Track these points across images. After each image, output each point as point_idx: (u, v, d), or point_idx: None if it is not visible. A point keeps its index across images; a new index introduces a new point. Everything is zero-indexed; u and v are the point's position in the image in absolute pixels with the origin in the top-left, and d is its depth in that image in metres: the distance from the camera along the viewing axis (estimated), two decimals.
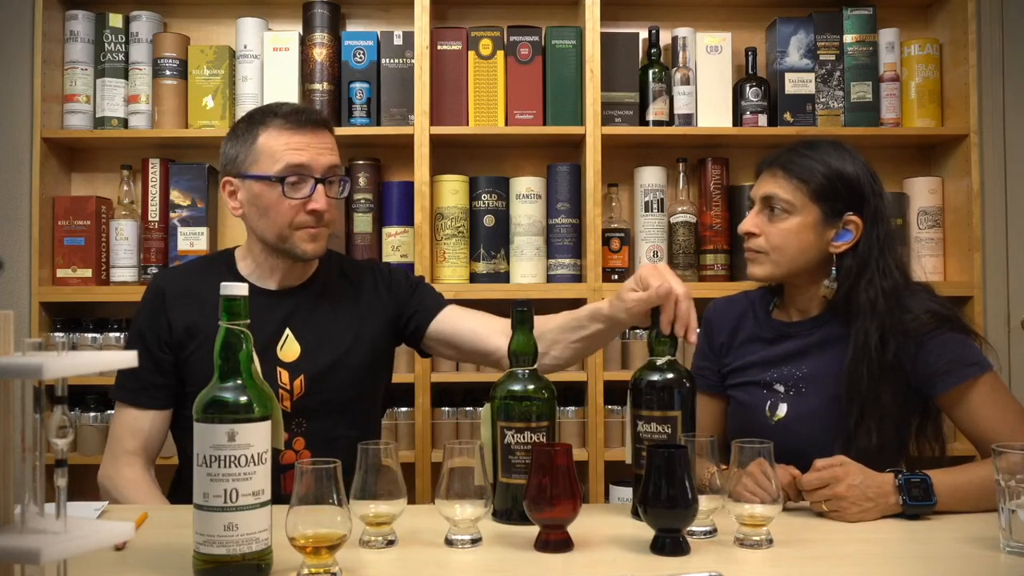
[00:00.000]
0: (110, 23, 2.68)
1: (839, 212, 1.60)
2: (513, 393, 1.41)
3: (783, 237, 1.60)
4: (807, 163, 1.60)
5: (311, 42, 2.65)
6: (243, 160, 1.67)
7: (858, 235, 1.60)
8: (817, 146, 1.63)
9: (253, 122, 1.68)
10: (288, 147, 1.63)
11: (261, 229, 1.67)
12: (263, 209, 1.65)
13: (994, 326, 2.83)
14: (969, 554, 1.24)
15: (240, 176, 1.67)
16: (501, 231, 2.66)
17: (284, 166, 1.62)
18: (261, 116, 1.67)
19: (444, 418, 2.61)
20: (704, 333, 1.79)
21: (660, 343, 1.42)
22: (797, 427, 1.60)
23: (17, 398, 0.84)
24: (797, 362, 1.64)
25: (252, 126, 1.67)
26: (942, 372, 1.54)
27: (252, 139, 1.66)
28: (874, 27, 2.73)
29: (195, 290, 1.70)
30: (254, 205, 1.66)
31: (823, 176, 1.59)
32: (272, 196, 1.64)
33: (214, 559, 1.08)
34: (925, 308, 1.57)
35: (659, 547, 1.23)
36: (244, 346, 1.13)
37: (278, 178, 1.62)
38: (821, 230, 1.60)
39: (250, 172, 1.65)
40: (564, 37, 2.65)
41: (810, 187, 1.59)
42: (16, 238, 2.70)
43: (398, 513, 1.28)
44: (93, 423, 2.57)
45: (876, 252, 1.59)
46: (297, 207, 1.64)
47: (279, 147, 1.63)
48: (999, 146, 2.86)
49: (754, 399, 1.68)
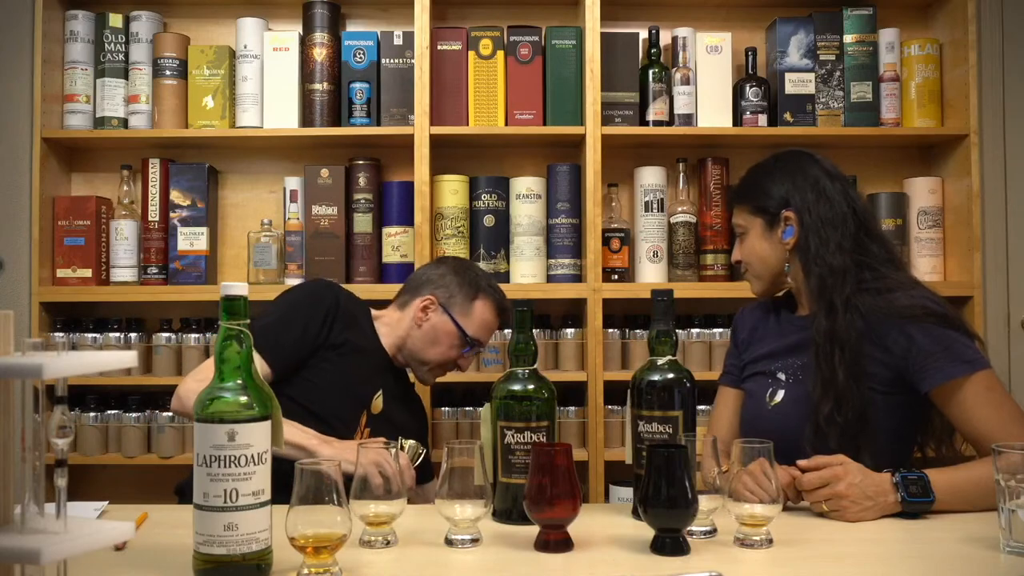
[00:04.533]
0: (110, 23, 2.68)
1: (775, 214, 1.72)
2: (513, 393, 1.41)
3: (749, 254, 1.77)
4: (744, 186, 1.79)
5: (311, 42, 2.65)
6: (455, 303, 2.03)
7: (798, 227, 1.69)
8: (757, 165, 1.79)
9: (477, 286, 2.05)
10: (487, 327, 2.06)
11: (420, 345, 2.03)
12: (437, 341, 2.02)
13: (994, 326, 2.83)
14: (969, 554, 1.24)
15: (445, 309, 2.03)
16: (501, 231, 2.66)
17: (477, 336, 2.04)
18: (485, 286, 2.06)
19: (444, 418, 2.61)
20: (732, 332, 1.91)
21: (660, 343, 1.42)
22: (790, 410, 1.64)
23: (17, 398, 0.84)
24: (800, 352, 1.70)
25: (476, 289, 2.05)
26: (930, 366, 1.55)
27: (471, 296, 2.04)
28: (874, 27, 2.72)
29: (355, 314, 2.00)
30: (435, 332, 2.02)
31: (750, 189, 1.76)
32: (450, 342, 2.02)
33: (214, 559, 1.08)
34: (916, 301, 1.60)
35: (659, 547, 1.23)
36: (244, 346, 1.13)
37: (469, 341, 2.03)
38: (769, 236, 1.73)
39: (455, 316, 2.02)
40: (564, 37, 2.65)
41: (750, 203, 1.75)
42: (16, 238, 2.70)
43: (398, 513, 1.29)
44: (93, 423, 2.57)
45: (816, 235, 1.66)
46: (455, 357, 2.05)
47: (486, 321, 2.05)
48: (999, 146, 2.86)
49: (759, 387, 1.74)
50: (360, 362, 1.95)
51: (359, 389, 1.95)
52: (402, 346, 2.04)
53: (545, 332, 2.64)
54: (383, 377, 2.02)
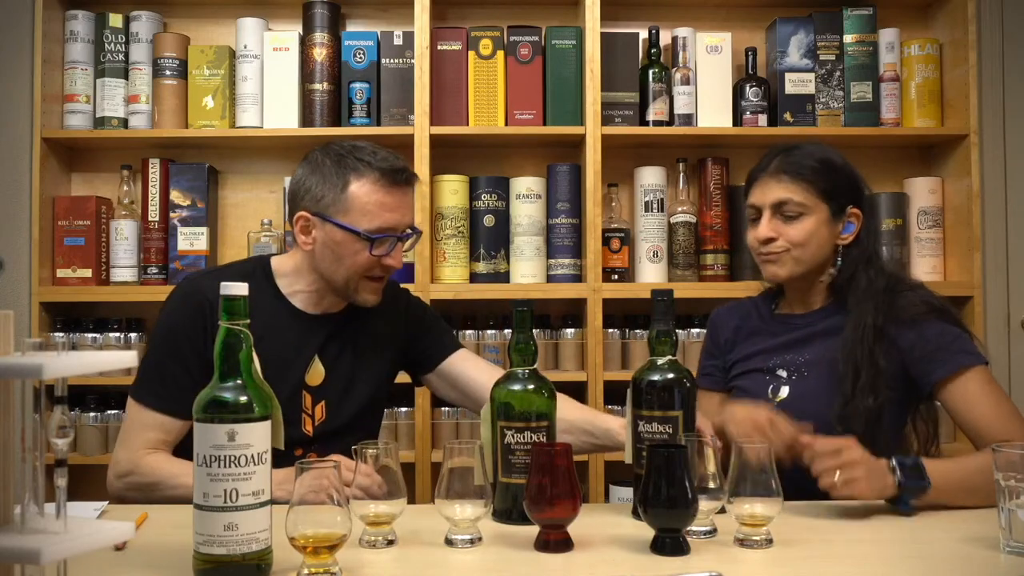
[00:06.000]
0: (110, 23, 2.68)
1: (843, 207, 1.70)
2: (513, 393, 1.41)
3: (805, 236, 1.68)
4: (809, 165, 1.70)
5: (311, 42, 2.65)
6: (329, 204, 1.63)
7: (859, 226, 1.71)
8: (805, 148, 1.73)
9: (344, 165, 1.63)
10: (383, 207, 1.62)
11: (329, 271, 1.66)
12: (339, 255, 1.64)
13: (994, 326, 2.83)
14: (969, 554, 1.24)
15: (322, 218, 1.64)
16: (501, 231, 2.66)
17: (375, 225, 1.62)
18: (353, 161, 1.63)
19: (444, 418, 2.61)
20: (709, 334, 1.89)
21: (660, 343, 1.42)
22: (799, 406, 1.63)
23: (17, 398, 0.84)
24: (799, 349, 1.70)
25: (343, 170, 1.63)
26: (938, 358, 1.58)
27: (342, 184, 1.62)
28: (874, 27, 2.73)
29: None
30: (330, 249, 1.64)
31: (826, 176, 1.69)
32: (353, 248, 1.63)
33: (214, 559, 1.08)
34: (922, 299, 1.65)
35: (659, 547, 1.23)
36: (244, 346, 1.13)
37: (367, 236, 1.61)
38: (832, 225, 1.70)
39: (336, 219, 1.62)
40: (564, 37, 2.65)
41: (817, 187, 1.68)
42: (16, 238, 2.70)
43: (398, 513, 1.28)
44: (93, 423, 2.57)
45: (874, 240, 1.72)
46: (374, 261, 1.64)
47: (373, 205, 1.62)
48: (999, 146, 2.86)
49: (755, 384, 1.73)
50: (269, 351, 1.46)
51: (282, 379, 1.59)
52: (322, 284, 1.70)
53: (545, 332, 2.64)
54: (311, 344, 1.70)
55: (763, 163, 1.74)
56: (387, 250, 1.64)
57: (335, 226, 1.62)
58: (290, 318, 1.71)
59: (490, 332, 2.64)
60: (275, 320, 1.67)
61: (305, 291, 1.72)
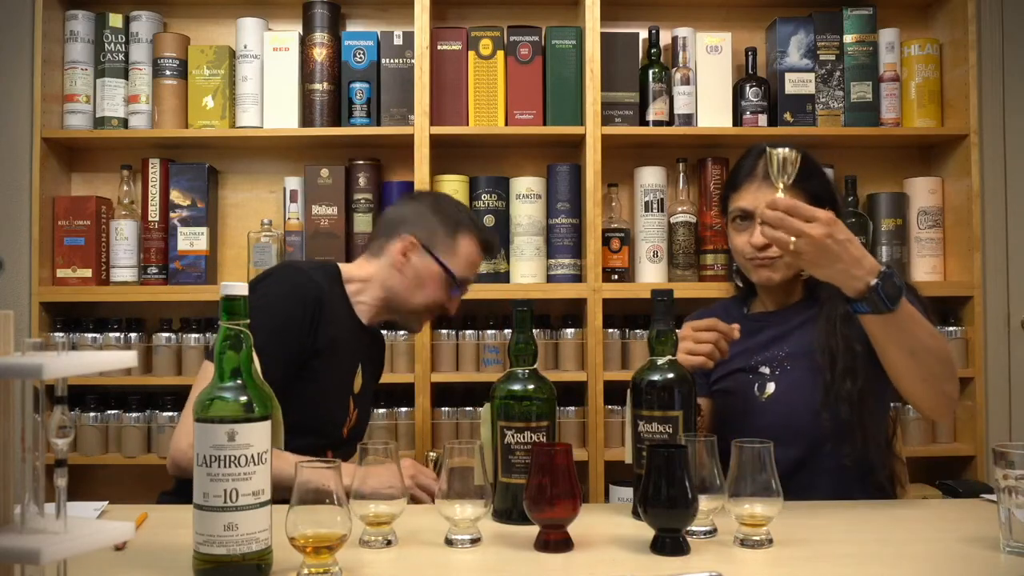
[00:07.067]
0: (110, 23, 2.68)
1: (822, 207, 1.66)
2: (513, 393, 1.41)
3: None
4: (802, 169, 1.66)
5: (311, 42, 2.65)
6: (437, 241, 1.85)
7: None
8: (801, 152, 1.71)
9: (459, 220, 1.88)
10: (474, 266, 1.90)
11: (406, 294, 1.85)
12: (422, 283, 1.85)
13: (994, 326, 2.83)
14: (969, 554, 1.24)
15: (428, 250, 1.84)
16: (501, 231, 2.66)
17: (463, 275, 1.87)
18: (468, 221, 1.90)
19: (444, 418, 2.61)
20: None
21: (660, 343, 1.42)
22: (788, 398, 1.65)
23: (17, 398, 0.84)
24: (779, 344, 1.71)
25: (459, 224, 1.87)
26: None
27: (454, 232, 1.86)
28: (874, 27, 2.73)
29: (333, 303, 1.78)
30: (418, 276, 1.84)
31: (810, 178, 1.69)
32: (436, 283, 1.85)
33: (214, 559, 1.08)
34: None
35: (659, 547, 1.23)
36: (244, 346, 1.13)
37: (455, 280, 1.85)
38: None
39: (438, 255, 1.84)
40: (564, 37, 2.65)
41: (806, 193, 1.67)
42: (16, 238, 2.70)
43: (398, 513, 1.28)
44: (93, 423, 2.57)
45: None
46: (445, 299, 1.87)
47: (471, 259, 1.88)
48: (999, 146, 2.86)
49: (740, 384, 1.73)
50: (343, 354, 1.78)
51: (345, 383, 1.83)
52: (385, 301, 1.87)
53: (545, 332, 2.64)
54: (360, 352, 1.88)
55: (746, 165, 1.73)
56: (459, 295, 1.90)
57: (435, 261, 1.84)
58: (354, 324, 1.86)
59: (490, 332, 2.64)
60: (348, 324, 1.83)
61: (367, 303, 1.87)
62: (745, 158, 1.75)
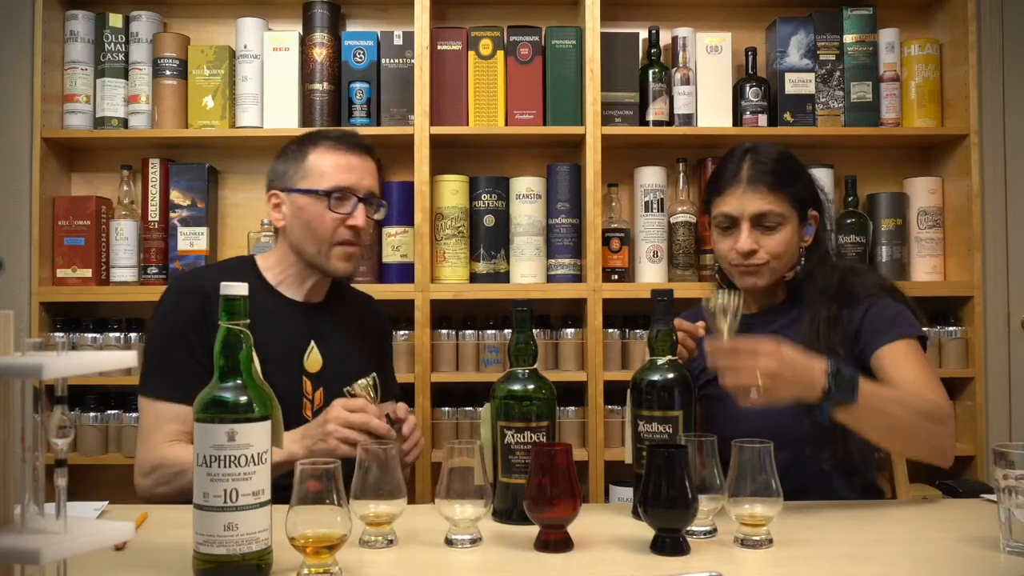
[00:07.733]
0: (110, 23, 2.68)
1: (807, 211, 1.73)
2: (513, 393, 1.41)
3: (784, 247, 1.70)
4: (783, 173, 1.70)
5: (311, 42, 2.65)
6: (291, 175, 1.77)
7: (816, 227, 1.74)
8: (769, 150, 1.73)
9: (303, 142, 1.80)
10: (337, 167, 1.75)
11: (301, 241, 1.76)
12: (306, 222, 1.75)
13: (994, 326, 2.83)
14: (969, 554, 1.24)
15: (287, 190, 1.77)
16: (501, 231, 2.66)
17: (331, 183, 1.74)
18: (311, 137, 1.80)
19: (444, 418, 2.61)
20: None
21: (660, 343, 1.42)
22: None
23: (17, 398, 0.84)
24: None
25: (303, 145, 1.79)
26: (881, 329, 1.62)
27: (302, 156, 1.77)
28: (874, 27, 2.73)
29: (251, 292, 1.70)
30: (298, 218, 1.76)
31: (796, 182, 1.71)
32: (316, 210, 1.74)
33: (214, 559, 1.08)
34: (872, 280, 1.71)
35: (659, 547, 1.23)
36: (244, 346, 1.13)
37: (325, 193, 1.73)
38: (800, 230, 1.73)
39: (297, 186, 1.76)
40: (564, 37, 2.65)
41: (792, 196, 1.70)
42: (16, 238, 2.70)
43: (398, 513, 1.29)
44: (93, 423, 2.57)
45: (828, 238, 1.77)
46: (338, 222, 1.74)
47: (328, 165, 1.75)
48: (999, 146, 2.86)
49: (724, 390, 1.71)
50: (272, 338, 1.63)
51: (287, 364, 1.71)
52: (298, 264, 1.79)
53: (545, 332, 2.64)
54: (306, 330, 1.77)
55: (729, 168, 1.71)
56: (348, 209, 1.74)
57: (298, 193, 1.75)
58: (283, 308, 1.78)
59: (490, 332, 2.64)
60: (269, 311, 1.73)
61: (289, 276, 1.80)
62: (728, 160, 1.74)
